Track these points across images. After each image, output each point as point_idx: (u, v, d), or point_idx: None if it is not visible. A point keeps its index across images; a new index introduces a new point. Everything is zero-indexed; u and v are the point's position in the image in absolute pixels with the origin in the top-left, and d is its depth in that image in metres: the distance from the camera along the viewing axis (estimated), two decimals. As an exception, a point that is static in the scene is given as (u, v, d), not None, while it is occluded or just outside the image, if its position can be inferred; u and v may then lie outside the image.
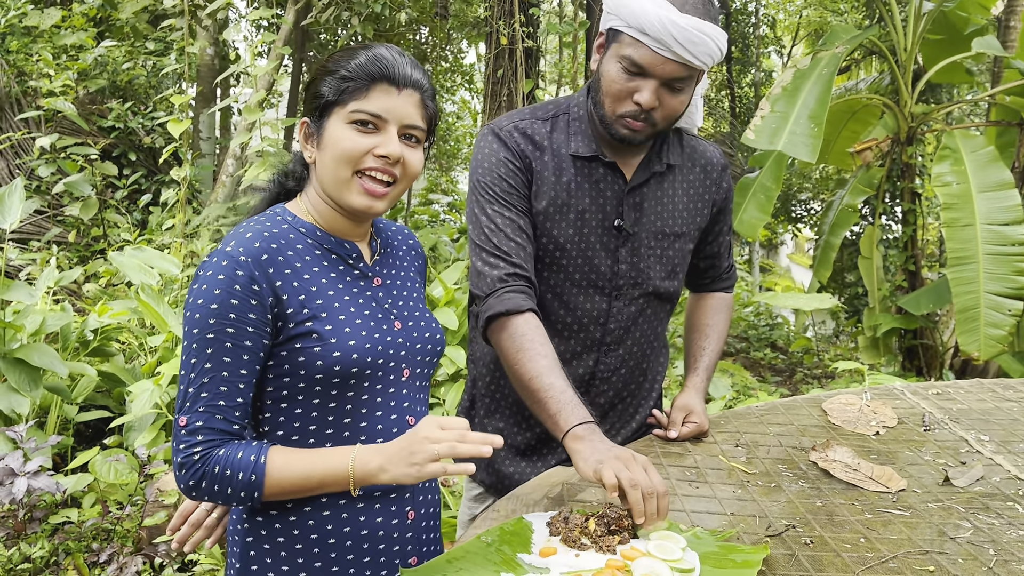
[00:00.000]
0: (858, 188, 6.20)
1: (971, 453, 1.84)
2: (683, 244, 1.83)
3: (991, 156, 5.13)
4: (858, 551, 1.35)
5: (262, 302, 1.27)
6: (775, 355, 7.68)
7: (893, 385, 2.34)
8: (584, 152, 1.72)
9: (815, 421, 2.04)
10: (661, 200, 1.78)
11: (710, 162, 1.87)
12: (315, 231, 1.38)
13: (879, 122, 6.29)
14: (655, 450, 1.80)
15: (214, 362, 1.25)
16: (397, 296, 1.48)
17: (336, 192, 1.34)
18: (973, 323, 4.84)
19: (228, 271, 1.25)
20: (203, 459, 1.25)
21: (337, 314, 1.34)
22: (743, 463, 1.75)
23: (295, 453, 1.30)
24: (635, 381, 1.87)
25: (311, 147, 1.37)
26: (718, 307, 2.03)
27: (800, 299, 5.04)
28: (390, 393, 1.41)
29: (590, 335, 1.77)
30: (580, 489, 1.59)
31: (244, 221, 1.37)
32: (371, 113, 1.31)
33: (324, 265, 1.37)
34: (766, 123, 5.22)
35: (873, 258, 6.11)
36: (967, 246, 4.95)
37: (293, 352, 1.30)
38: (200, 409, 1.25)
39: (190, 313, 1.26)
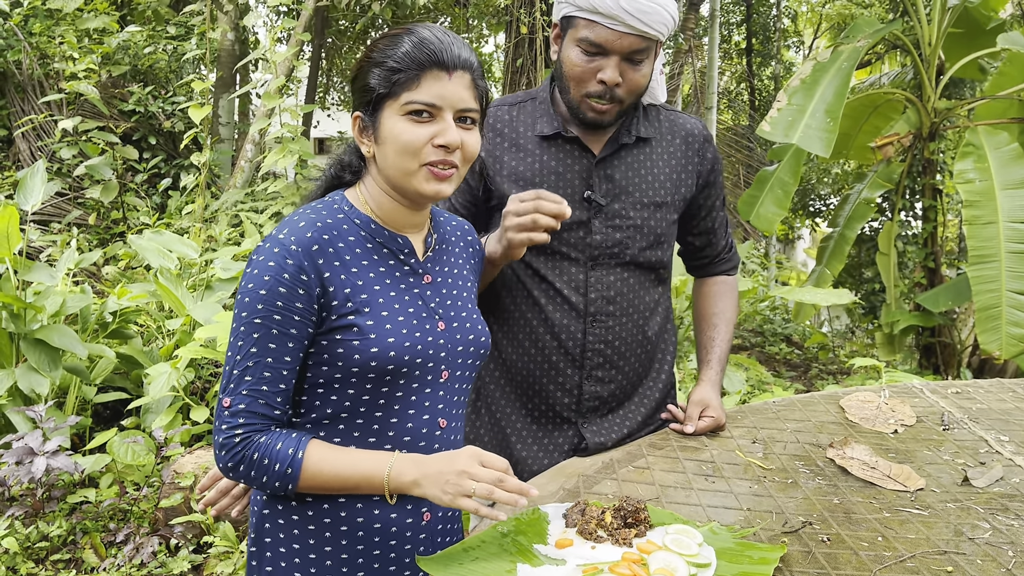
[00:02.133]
0: (877, 182, 6.14)
1: (990, 454, 1.82)
2: (666, 213, 1.84)
3: (1015, 153, 5.07)
4: (875, 549, 1.35)
5: (309, 292, 1.28)
6: (790, 350, 7.65)
7: (912, 383, 2.33)
8: (547, 131, 1.78)
9: (832, 418, 2.03)
10: (638, 171, 1.81)
11: (691, 133, 1.89)
12: (370, 223, 1.38)
13: (901, 117, 6.23)
14: (671, 444, 1.80)
15: (260, 346, 1.27)
16: (446, 295, 1.47)
17: (403, 182, 1.35)
18: (994, 322, 4.79)
19: (278, 259, 1.27)
20: (243, 443, 1.27)
21: (380, 309, 1.35)
22: (760, 459, 1.74)
23: (333, 451, 1.30)
24: (636, 357, 1.85)
25: (367, 141, 1.36)
26: (722, 292, 2.02)
27: (817, 294, 5.01)
28: (425, 393, 1.40)
29: (573, 305, 1.79)
30: (596, 481, 1.60)
31: (301, 207, 1.39)
32: (425, 103, 1.30)
33: (374, 259, 1.37)
34: (782, 115, 5.19)
35: (891, 254, 6.07)
36: (989, 244, 4.90)
37: (333, 343, 1.32)
38: (244, 392, 1.27)
39: (240, 296, 1.28)
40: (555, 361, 1.81)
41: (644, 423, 1.90)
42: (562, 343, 1.80)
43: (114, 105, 8.63)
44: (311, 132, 13.98)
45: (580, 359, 1.81)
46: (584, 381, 1.82)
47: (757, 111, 14.50)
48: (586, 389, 1.83)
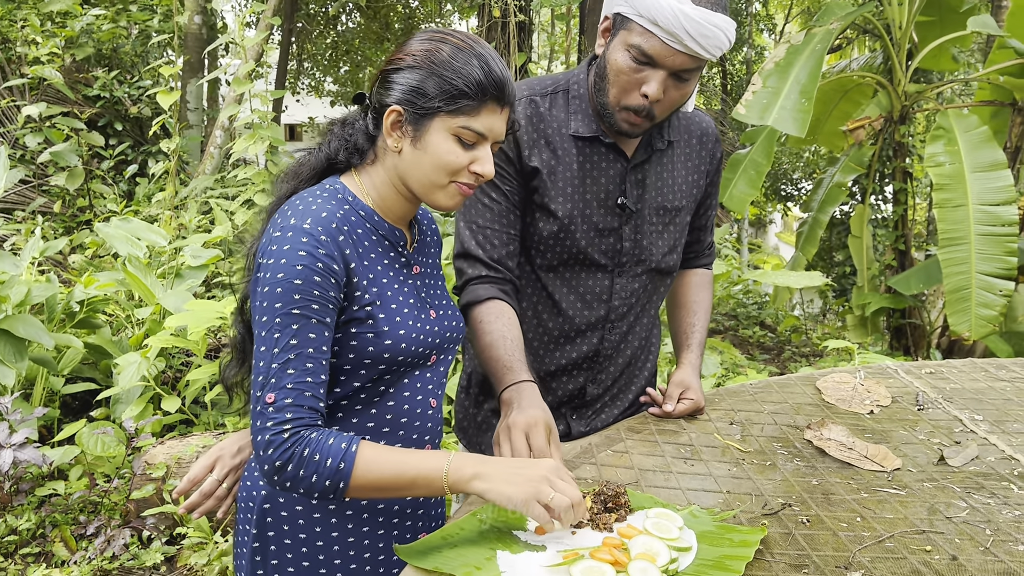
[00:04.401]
0: (849, 166, 6.18)
1: (965, 433, 1.84)
2: (682, 218, 1.82)
3: (985, 136, 5.12)
4: (854, 530, 1.35)
5: (339, 281, 1.26)
6: (764, 333, 7.71)
7: (886, 364, 2.34)
8: (585, 132, 1.69)
9: (809, 399, 2.04)
10: (662, 176, 1.77)
11: (705, 132, 1.86)
12: (373, 216, 1.36)
13: (871, 101, 6.27)
14: (650, 427, 1.79)
15: (300, 338, 1.23)
16: (431, 284, 1.49)
17: (426, 191, 1.33)
18: (964, 303, 4.85)
19: (310, 248, 1.23)
20: (293, 438, 1.20)
21: (390, 303, 1.34)
22: (738, 441, 1.74)
23: (386, 450, 1.26)
24: (636, 356, 1.87)
25: (399, 135, 1.31)
26: (702, 283, 2.02)
27: (791, 276, 5.04)
28: (415, 376, 1.42)
29: (594, 312, 1.76)
30: (575, 466, 1.58)
31: (302, 192, 1.35)
32: (478, 132, 1.30)
33: (379, 252, 1.36)
34: (757, 98, 5.20)
35: (863, 237, 6.12)
36: (959, 227, 4.95)
37: (347, 335, 1.30)
38: (289, 386, 1.22)
39: (270, 288, 1.23)
40: (564, 365, 1.80)
41: (627, 411, 1.89)
42: (576, 348, 1.78)
43: (79, 90, 8.45)
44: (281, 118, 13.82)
45: (590, 364, 1.81)
46: (588, 384, 1.82)
47: (730, 95, 14.55)
48: (589, 391, 1.83)
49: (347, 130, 1.40)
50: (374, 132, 1.36)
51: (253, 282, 1.30)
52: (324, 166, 1.41)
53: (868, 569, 1.22)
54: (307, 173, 1.41)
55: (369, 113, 1.36)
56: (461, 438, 1.91)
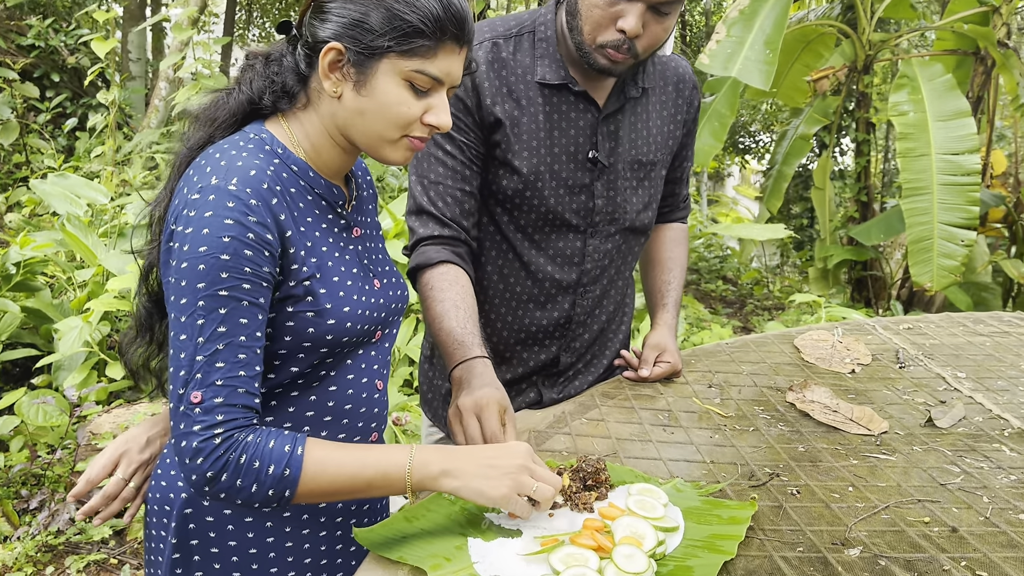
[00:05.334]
0: (813, 117, 6.11)
1: (949, 391, 1.77)
2: (658, 172, 1.70)
3: (948, 84, 5.07)
4: (847, 501, 1.27)
5: (273, 253, 1.07)
6: (726, 287, 7.69)
7: (864, 320, 2.27)
8: (552, 79, 1.54)
9: (788, 359, 1.96)
10: (635, 126, 1.63)
11: (682, 79, 1.72)
12: (307, 171, 1.16)
13: (835, 51, 6.17)
14: (625, 392, 1.69)
15: (230, 324, 1.03)
16: (371, 248, 1.30)
17: (370, 145, 1.14)
18: (926, 254, 4.84)
19: (237, 214, 1.03)
20: (227, 444, 1.02)
21: (331, 275, 1.16)
22: (717, 405, 1.65)
23: (337, 448, 1.09)
24: (611, 319, 1.75)
25: (338, 78, 1.10)
26: (677, 239, 1.90)
27: (753, 229, 4.98)
28: (360, 356, 1.25)
29: (566, 275, 1.63)
30: (548, 436, 1.48)
31: (220, 143, 1.13)
32: (434, 77, 1.10)
33: (316, 214, 1.17)
34: (721, 48, 5.06)
35: (826, 189, 6.07)
36: (922, 176, 4.92)
37: (282, 316, 1.11)
38: (218, 382, 1.03)
39: (190, 265, 1.02)
40: (534, 332, 1.67)
41: (601, 377, 1.78)
42: (547, 315, 1.65)
43: (11, 39, 8.00)
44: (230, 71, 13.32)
45: (563, 331, 1.68)
46: (562, 353, 1.70)
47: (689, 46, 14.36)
48: (562, 360, 1.71)
49: (272, 68, 1.18)
50: (306, 72, 1.15)
51: (165, 252, 1.10)
52: (246, 110, 1.18)
53: (866, 545, 1.13)
54: (225, 118, 1.18)
55: (300, 48, 1.14)
56: (426, 411, 1.78)
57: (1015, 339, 2.15)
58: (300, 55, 1.14)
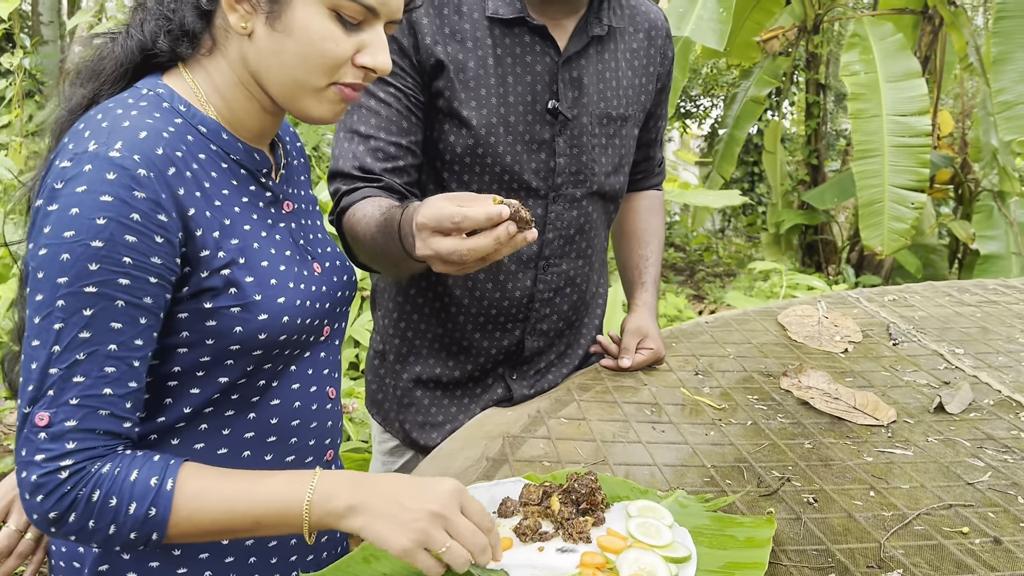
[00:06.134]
0: (764, 79, 5.98)
1: (951, 370, 1.63)
2: (629, 130, 1.49)
3: (899, 44, 4.98)
4: (871, 508, 1.11)
5: (170, 239, 0.84)
6: (676, 254, 7.59)
7: (847, 293, 2.13)
8: (506, 13, 1.31)
9: (774, 337, 1.80)
10: (603, 75, 1.42)
11: (654, 25, 1.52)
12: (220, 132, 0.93)
13: (784, 11, 6.05)
14: (604, 383, 1.51)
15: (96, 329, 0.81)
16: (307, 225, 1.06)
17: (289, 96, 0.92)
18: (877, 217, 4.77)
19: (119, 190, 0.80)
20: (76, 479, 0.81)
21: (258, 259, 0.93)
22: (707, 395, 1.48)
23: (220, 479, 0.86)
24: (582, 301, 1.55)
25: (247, 10, 0.88)
26: (653, 208, 1.71)
27: (708, 196, 4.85)
28: (306, 359, 1.02)
29: (526, 249, 1.42)
30: (523, 442, 1.28)
31: (108, 101, 0.89)
32: (366, 5, 0.88)
33: (233, 185, 0.94)
34: (673, 7, 4.88)
35: (777, 153, 5.98)
36: (873, 138, 4.83)
37: (199, 313, 0.89)
38: (72, 401, 0.81)
39: (51, 252, 0.80)
40: (494, 315, 1.44)
41: (577, 368, 1.59)
42: (506, 294, 1.43)
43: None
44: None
45: (526, 311, 1.46)
46: (526, 336, 1.48)
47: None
48: (527, 344, 1.49)
49: (168, 4, 0.93)
50: (208, 6, 0.91)
51: (28, 236, 0.86)
52: (137, 60, 0.94)
53: (907, 568, 0.97)
54: (112, 71, 0.93)
55: None
56: (375, 414, 1.56)
57: (1003, 308, 2.04)
58: None
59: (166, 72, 0.94)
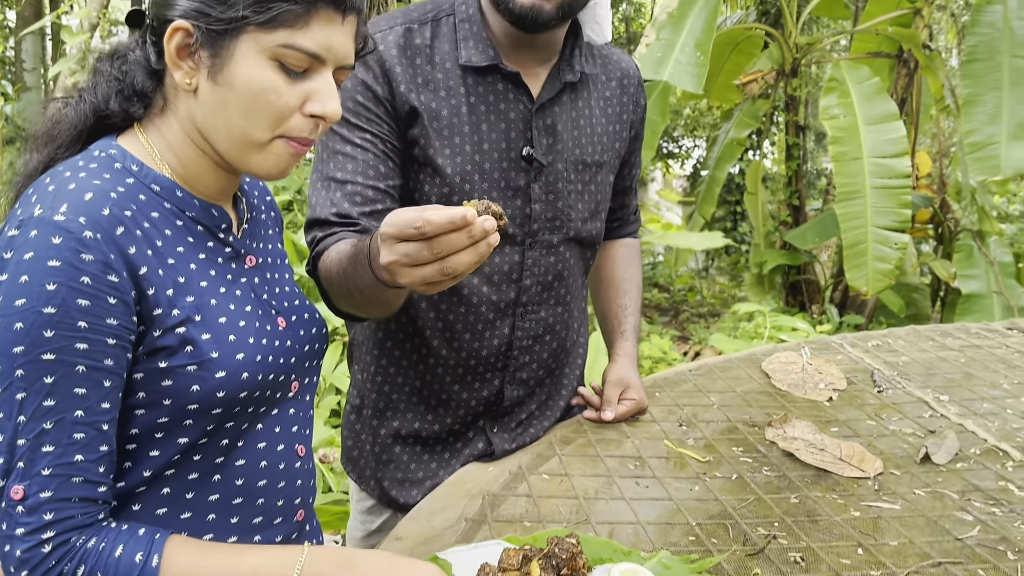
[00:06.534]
0: (744, 121, 6.05)
1: (936, 418, 1.62)
2: (604, 176, 1.49)
3: (876, 87, 5.06)
4: (859, 568, 1.08)
5: (124, 299, 0.83)
6: (660, 294, 7.60)
7: (830, 339, 2.12)
8: (479, 61, 1.31)
9: (757, 385, 1.78)
10: (577, 121, 1.42)
11: (626, 74, 1.53)
12: (174, 190, 0.93)
13: (762, 55, 6.14)
14: (587, 436, 1.48)
15: (60, 396, 0.80)
16: (272, 280, 1.05)
17: (237, 151, 0.91)
18: (861, 258, 4.80)
19: (65, 254, 0.79)
20: (60, 552, 0.80)
21: (215, 315, 0.92)
22: (691, 447, 1.46)
23: (207, 553, 0.85)
24: (562, 349, 1.53)
25: (189, 67, 0.88)
26: (630, 256, 1.70)
27: (691, 237, 4.87)
28: (273, 416, 1.00)
29: (503, 296, 1.40)
30: (503, 500, 1.25)
31: (59, 165, 0.89)
32: (310, 52, 0.87)
33: (189, 242, 0.93)
34: (651, 51, 4.95)
35: (758, 193, 6.02)
36: (855, 180, 4.88)
37: (155, 373, 0.87)
38: (44, 471, 0.80)
39: (3, 322, 0.79)
40: (473, 365, 1.42)
41: (559, 419, 1.57)
42: (484, 342, 1.41)
43: None
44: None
45: (504, 360, 1.44)
46: (506, 386, 1.46)
47: (611, 53, 14.37)
48: (507, 394, 1.47)
49: (119, 66, 0.93)
50: (158, 66, 0.91)
51: None
52: (91, 123, 0.94)
53: (897, 631, 0.94)
54: (66, 135, 0.94)
55: (148, 38, 0.92)
56: (351, 472, 1.52)
57: (986, 352, 2.03)
58: (150, 46, 0.91)
59: (122, 133, 0.94)
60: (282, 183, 5.59)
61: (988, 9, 4.68)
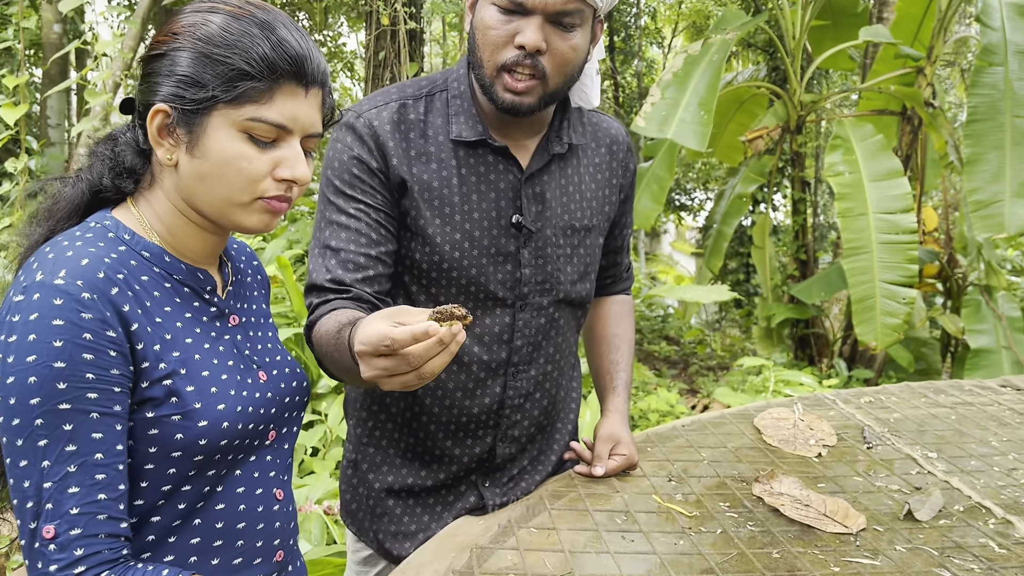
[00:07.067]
0: (750, 176, 6.14)
1: (923, 475, 1.64)
2: (594, 239, 1.55)
3: (880, 144, 5.14)
4: (835, 623, 1.11)
5: (122, 351, 0.93)
6: (669, 347, 7.62)
7: (823, 395, 2.15)
8: (468, 136, 1.39)
9: (749, 441, 1.81)
10: (566, 188, 1.49)
11: (615, 140, 1.59)
12: (163, 256, 1.04)
13: (767, 112, 6.26)
14: (577, 491, 1.52)
15: (80, 441, 0.89)
16: (256, 338, 1.16)
17: (223, 213, 1.02)
18: (869, 313, 4.83)
19: (67, 314, 0.89)
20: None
21: (199, 369, 1.01)
22: (679, 501, 1.49)
23: None
24: (553, 406, 1.58)
25: (170, 144, 1.00)
26: (622, 313, 1.76)
27: (698, 291, 4.91)
28: (251, 463, 1.09)
29: (494, 357, 1.46)
30: (491, 553, 1.29)
31: (59, 236, 0.99)
32: (275, 124, 0.98)
33: (177, 302, 1.04)
34: (656, 110, 5.07)
35: (766, 247, 6.08)
36: (861, 235, 4.93)
37: (143, 423, 0.96)
38: (73, 510, 0.88)
39: (18, 379, 0.88)
40: (464, 422, 1.48)
41: (552, 473, 1.61)
42: (476, 401, 1.46)
43: (-78, 105, 7.63)
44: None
45: (496, 418, 1.49)
46: (498, 443, 1.51)
47: (622, 107, 14.61)
48: (499, 451, 1.52)
49: (112, 147, 1.06)
50: (144, 145, 1.03)
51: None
52: (87, 199, 1.06)
53: None
54: (65, 210, 1.05)
55: (136, 121, 1.04)
56: (349, 523, 1.57)
57: (978, 410, 2.05)
58: (138, 128, 1.04)
59: (116, 206, 1.06)
60: (295, 237, 5.72)
61: (989, 70, 4.77)
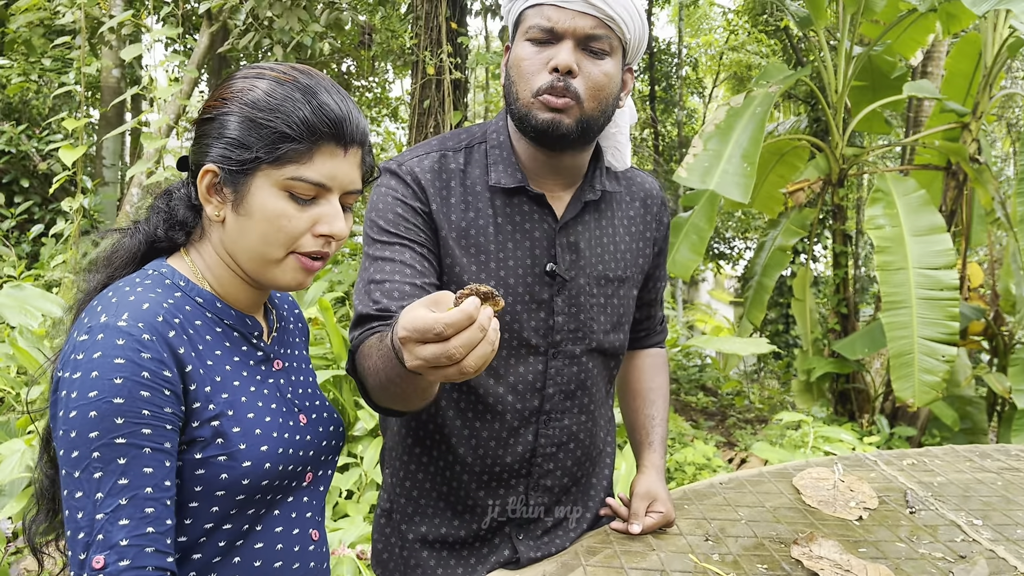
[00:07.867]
0: (791, 229, 6.11)
1: (968, 543, 1.60)
2: (627, 290, 1.57)
3: (923, 200, 5.09)
4: None
5: (175, 391, 0.98)
6: (707, 398, 7.53)
7: (864, 455, 2.12)
8: (507, 183, 1.43)
9: (787, 501, 1.79)
10: (600, 239, 1.52)
11: (650, 194, 1.63)
12: (214, 302, 1.11)
13: (808, 164, 6.24)
14: (612, 547, 1.51)
15: (132, 475, 0.93)
16: (298, 382, 1.21)
17: (258, 269, 1.08)
18: (908, 369, 4.74)
19: (129, 352, 0.94)
20: None
21: (245, 411, 1.06)
22: (716, 562, 1.47)
23: None
24: (587, 457, 1.58)
25: (218, 202, 1.07)
26: (657, 366, 1.76)
27: (736, 343, 4.87)
28: (289, 503, 1.13)
29: (527, 404, 1.47)
30: (526, 608, 1.29)
31: (119, 282, 1.06)
32: (314, 183, 1.04)
33: (227, 346, 1.10)
34: (698, 161, 5.08)
35: (806, 300, 6.02)
36: (900, 290, 4.86)
37: (190, 463, 1.01)
38: (123, 542, 0.91)
39: (80, 412, 0.92)
40: (498, 472, 1.49)
41: (588, 529, 1.60)
42: (508, 449, 1.48)
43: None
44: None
45: (528, 467, 1.50)
46: (530, 492, 1.52)
47: (662, 156, 14.69)
48: (532, 500, 1.52)
49: (168, 202, 1.14)
50: (196, 201, 1.10)
51: (53, 405, 0.99)
52: (144, 249, 1.13)
53: None
54: (123, 258, 1.12)
55: (190, 179, 1.12)
56: (380, 573, 1.57)
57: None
58: (190, 185, 1.11)
59: (172, 255, 1.12)
60: (337, 278, 5.80)
61: (1036, 126, 4.72)
